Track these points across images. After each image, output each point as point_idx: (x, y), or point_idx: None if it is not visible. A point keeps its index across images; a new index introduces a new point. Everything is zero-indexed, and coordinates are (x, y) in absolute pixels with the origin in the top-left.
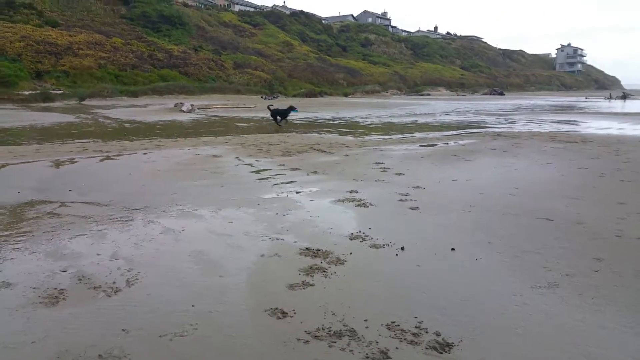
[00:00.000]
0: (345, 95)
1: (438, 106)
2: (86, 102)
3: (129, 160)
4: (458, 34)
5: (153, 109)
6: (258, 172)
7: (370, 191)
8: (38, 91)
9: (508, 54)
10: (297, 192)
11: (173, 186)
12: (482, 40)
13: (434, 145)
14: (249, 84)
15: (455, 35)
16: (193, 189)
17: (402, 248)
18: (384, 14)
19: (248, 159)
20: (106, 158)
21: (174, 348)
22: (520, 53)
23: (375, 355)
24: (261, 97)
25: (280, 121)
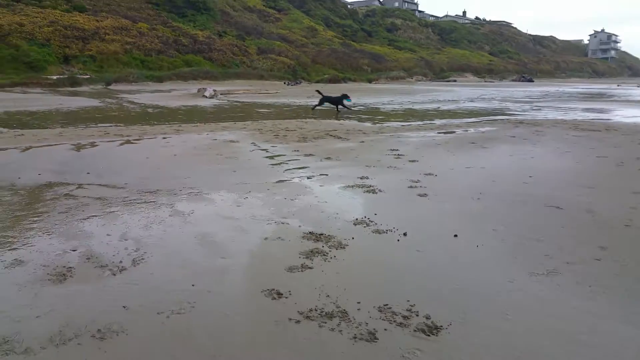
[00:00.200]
0: (369, 81)
1: (463, 93)
2: (112, 87)
3: (148, 144)
4: (487, 19)
5: (176, 94)
6: (272, 158)
7: (381, 178)
8: (66, 75)
9: (538, 40)
10: (308, 178)
11: (187, 170)
12: (512, 25)
13: (453, 132)
14: (273, 70)
15: (484, 20)
16: (206, 174)
17: (405, 234)
18: None
19: (264, 145)
20: (126, 142)
21: (170, 324)
22: (551, 39)
23: (363, 335)
24: (284, 83)
25: (318, 105)
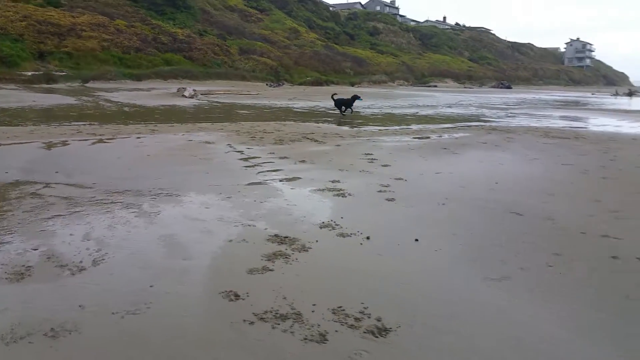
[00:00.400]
0: (351, 84)
1: (442, 98)
2: (90, 85)
3: (121, 144)
4: (467, 25)
5: (155, 93)
6: (246, 160)
7: (352, 182)
8: (41, 72)
9: (517, 47)
10: (280, 181)
11: (159, 171)
12: (491, 32)
13: (428, 137)
14: (255, 71)
15: (464, 26)
16: (178, 175)
17: (368, 237)
18: (392, 2)
19: (240, 147)
20: (99, 141)
21: (124, 324)
22: (529, 46)
23: (314, 337)
24: (266, 85)
25: (345, 110)
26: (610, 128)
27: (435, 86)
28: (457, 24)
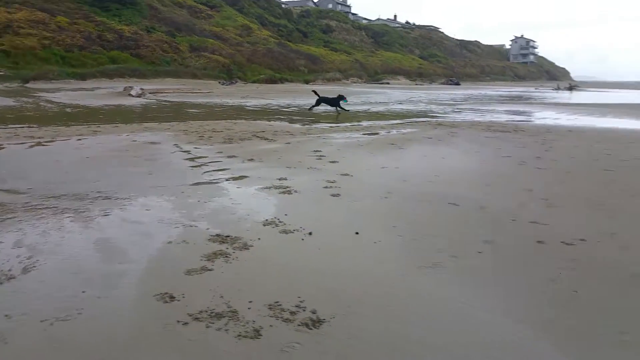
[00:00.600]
0: (306, 82)
1: (394, 95)
2: (30, 85)
3: (60, 146)
4: (417, 24)
5: (100, 93)
6: (193, 160)
7: (299, 179)
8: None
9: (464, 45)
10: (227, 180)
11: (99, 173)
12: (440, 30)
13: (377, 133)
14: (206, 69)
15: (414, 24)
16: (119, 177)
17: (310, 233)
18: (344, 0)
19: (187, 146)
20: (37, 144)
21: (52, 332)
22: (475, 44)
23: (248, 333)
24: (219, 83)
25: (335, 108)
26: (549, 121)
27: (388, 83)
28: (408, 23)
